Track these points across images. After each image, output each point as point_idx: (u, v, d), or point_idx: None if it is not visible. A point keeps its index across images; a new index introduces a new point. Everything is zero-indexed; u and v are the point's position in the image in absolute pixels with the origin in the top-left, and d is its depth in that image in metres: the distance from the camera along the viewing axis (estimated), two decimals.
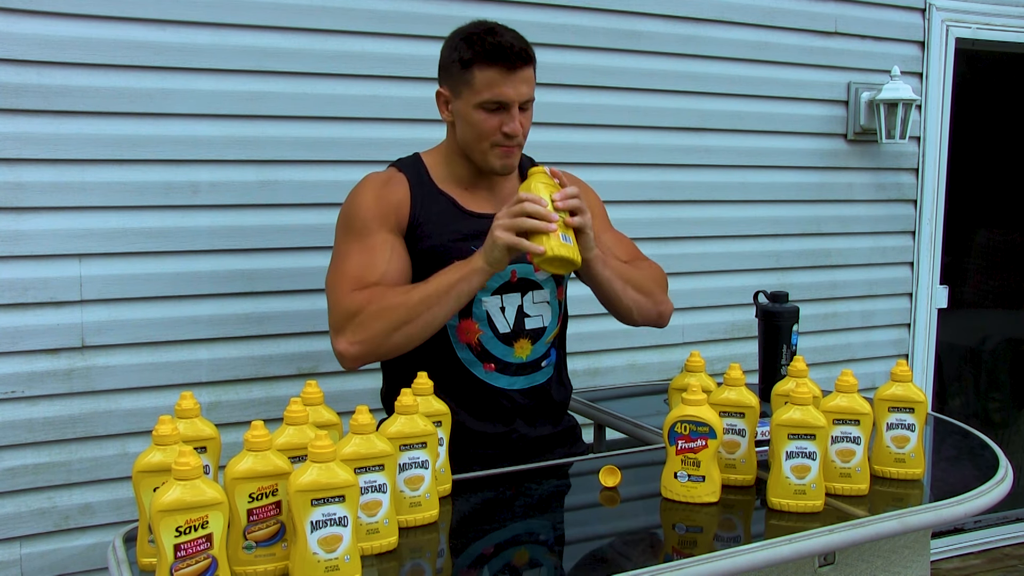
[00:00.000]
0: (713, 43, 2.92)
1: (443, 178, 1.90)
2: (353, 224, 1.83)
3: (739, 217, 3.04)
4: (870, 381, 3.21)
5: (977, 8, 3.37)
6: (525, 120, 1.83)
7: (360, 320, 1.73)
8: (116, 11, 2.18)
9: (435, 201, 1.87)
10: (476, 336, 1.86)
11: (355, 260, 1.78)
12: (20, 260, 2.16)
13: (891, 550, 1.73)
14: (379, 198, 1.84)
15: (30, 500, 2.22)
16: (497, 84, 1.76)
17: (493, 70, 1.76)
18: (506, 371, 1.88)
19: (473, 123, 1.81)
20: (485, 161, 1.84)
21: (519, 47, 1.77)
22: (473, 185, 1.91)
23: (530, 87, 1.81)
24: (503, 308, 1.87)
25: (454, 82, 1.83)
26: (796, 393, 1.61)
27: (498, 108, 1.79)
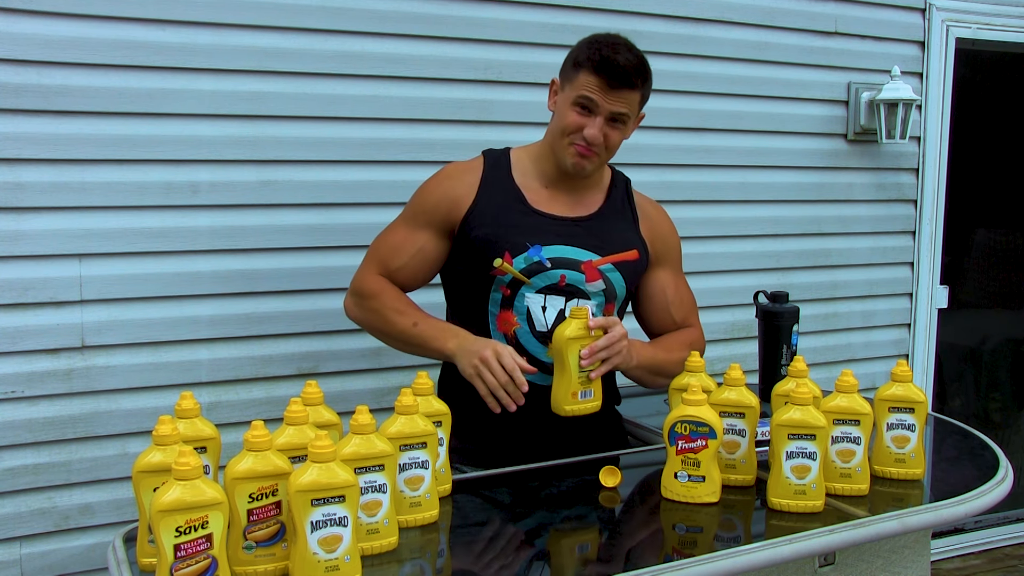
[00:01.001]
0: (713, 43, 2.91)
1: (524, 172, 1.97)
2: (413, 205, 2.01)
3: (739, 217, 3.04)
4: (870, 381, 3.21)
5: (977, 8, 3.37)
6: (611, 134, 1.88)
7: (364, 304, 1.97)
8: (116, 11, 2.18)
9: (502, 193, 1.94)
10: (513, 329, 1.90)
11: (394, 237, 1.99)
12: (20, 260, 2.16)
13: (891, 550, 1.73)
14: (441, 191, 1.96)
15: (30, 500, 2.22)
16: (594, 90, 1.83)
17: (596, 78, 1.83)
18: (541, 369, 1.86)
19: (563, 115, 1.89)
20: (562, 155, 1.91)
21: (626, 69, 1.83)
22: (552, 184, 1.96)
23: (626, 106, 1.86)
24: (544, 308, 1.90)
25: (565, 76, 1.92)
26: (796, 393, 1.61)
27: (588, 111, 1.85)
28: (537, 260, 1.88)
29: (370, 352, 2.50)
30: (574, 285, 1.90)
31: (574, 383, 1.79)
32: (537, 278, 1.88)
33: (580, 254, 1.91)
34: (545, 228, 1.91)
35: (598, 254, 1.93)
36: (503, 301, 1.89)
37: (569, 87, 1.88)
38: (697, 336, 2.12)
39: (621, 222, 2.01)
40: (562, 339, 1.77)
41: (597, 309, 1.93)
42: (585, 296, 1.92)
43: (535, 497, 1.76)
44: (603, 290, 1.93)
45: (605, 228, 1.97)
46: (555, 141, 1.92)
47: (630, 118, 1.89)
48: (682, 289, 2.13)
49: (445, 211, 1.93)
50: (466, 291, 1.95)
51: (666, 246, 2.08)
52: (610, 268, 1.94)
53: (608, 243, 1.95)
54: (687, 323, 2.12)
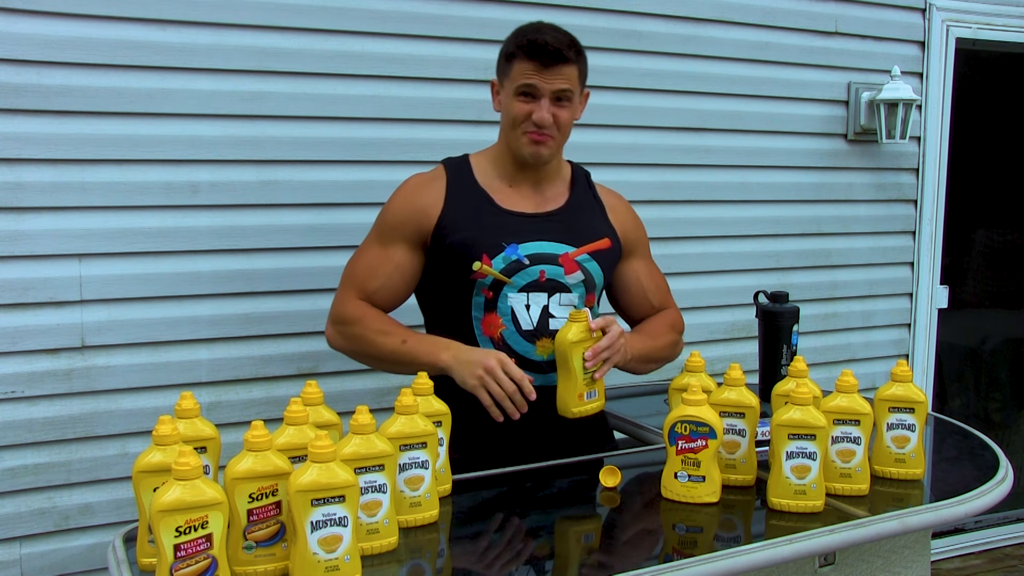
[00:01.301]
0: (713, 43, 2.91)
1: (486, 175, 1.98)
2: (381, 223, 1.99)
3: (739, 217, 3.04)
4: (870, 381, 3.21)
5: (977, 8, 3.37)
6: (560, 113, 1.89)
7: (346, 331, 1.95)
8: (116, 11, 2.18)
9: (470, 197, 1.94)
10: (499, 331, 1.89)
11: (368, 259, 1.96)
12: (20, 260, 2.16)
13: (891, 550, 1.73)
14: (407, 205, 1.95)
15: (30, 500, 2.22)
16: (530, 75, 1.85)
17: (528, 63, 1.86)
18: (526, 368, 1.87)
19: (509, 109, 1.91)
20: (518, 148, 1.91)
21: (555, 46, 1.85)
22: (516, 182, 1.97)
23: (566, 82, 1.87)
24: (528, 306, 1.90)
25: (501, 72, 1.95)
26: (796, 393, 1.61)
27: (530, 97, 1.87)
28: (515, 259, 1.89)
29: None
30: (554, 279, 1.91)
31: (580, 385, 1.82)
32: (517, 276, 1.88)
33: (556, 248, 1.92)
34: (518, 226, 1.92)
35: (573, 246, 1.94)
36: (486, 304, 1.89)
37: (508, 81, 1.90)
38: (677, 317, 2.16)
39: (589, 212, 2.03)
40: (566, 343, 1.79)
41: (579, 300, 1.95)
42: (566, 289, 1.92)
43: (535, 497, 1.76)
44: (583, 281, 1.95)
45: (575, 219, 1.99)
46: (509, 136, 1.93)
47: (574, 94, 1.90)
48: (655, 274, 2.17)
49: (416, 223, 1.92)
50: (447, 300, 1.94)
51: (636, 235, 2.11)
52: (586, 258, 1.95)
53: (581, 234, 1.97)
54: (664, 306, 2.16)
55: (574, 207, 2.01)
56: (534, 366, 1.89)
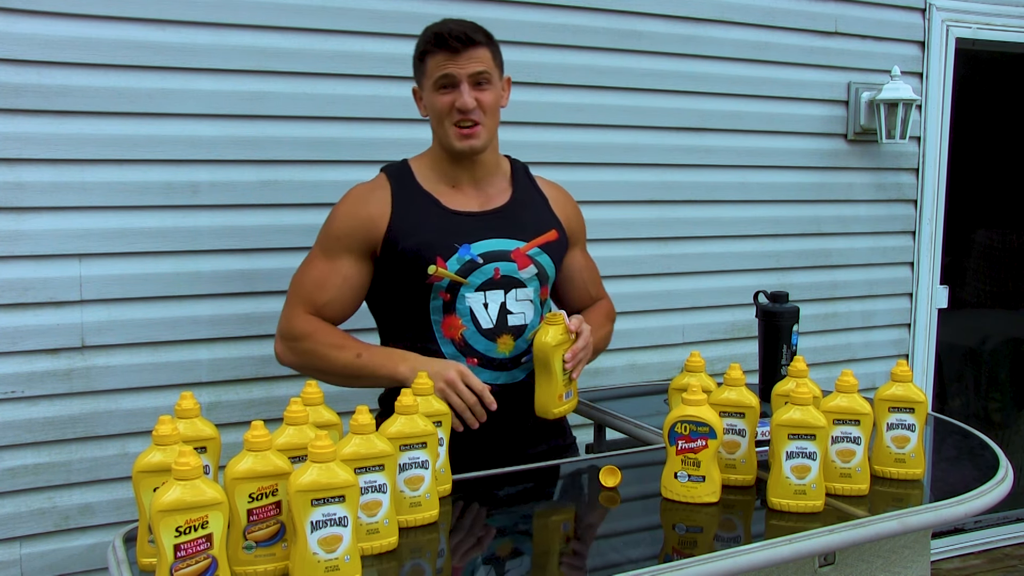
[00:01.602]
0: (713, 43, 2.91)
1: (428, 179, 1.97)
2: (326, 236, 1.95)
3: (739, 217, 3.04)
4: (870, 381, 3.21)
5: (977, 8, 3.37)
6: (481, 96, 1.88)
7: (296, 347, 1.91)
8: (116, 11, 2.18)
9: (416, 202, 1.93)
10: (460, 332, 1.89)
11: (315, 273, 1.93)
12: (20, 260, 2.16)
13: (891, 550, 1.73)
14: (352, 215, 1.92)
15: (30, 500, 2.22)
16: (444, 65, 1.86)
17: (440, 55, 1.86)
18: (489, 366, 1.90)
19: (432, 105, 1.91)
20: (450, 143, 1.91)
21: (460, 31, 1.86)
22: (457, 182, 1.96)
23: (480, 64, 1.87)
24: (486, 304, 1.90)
25: (418, 74, 1.95)
26: (796, 393, 1.61)
27: (449, 86, 1.87)
28: (469, 259, 1.89)
29: None
30: (509, 275, 1.92)
31: (560, 387, 1.85)
32: (473, 276, 1.88)
33: (507, 244, 1.93)
34: (468, 226, 1.91)
35: (523, 240, 1.95)
36: (444, 306, 1.89)
37: (426, 80, 1.91)
38: (611, 306, 2.22)
39: (534, 206, 2.03)
40: (547, 348, 1.81)
41: (534, 293, 1.95)
42: (521, 284, 1.93)
43: (535, 497, 1.76)
44: (536, 274, 1.95)
45: (522, 214, 1.99)
46: (440, 133, 1.93)
47: (492, 75, 1.90)
48: (591, 265, 2.20)
49: (363, 233, 1.90)
50: (404, 306, 1.92)
51: (577, 225, 2.12)
52: (537, 251, 1.96)
53: (529, 228, 1.97)
54: (599, 296, 2.21)
55: (518, 202, 2.00)
56: (496, 364, 1.90)
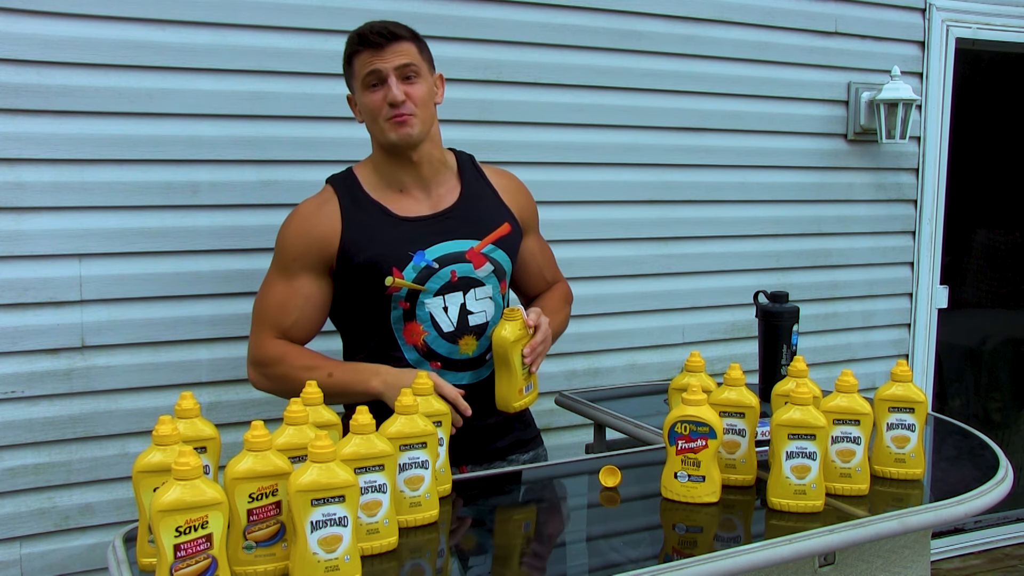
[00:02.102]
0: (713, 43, 2.91)
1: (374, 186, 1.95)
2: (281, 256, 1.94)
3: (739, 217, 3.04)
4: (870, 381, 3.21)
5: (977, 8, 3.37)
6: (411, 89, 1.87)
7: (268, 372, 1.91)
8: (116, 11, 2.18)
9: (366, 212, 1.91)
10: (421, 337, 1.89)
11: (276, 296, 1.92)
12: (20, 260, 2.16)
13: (891, 550, 1.73)
14: (304, 234, 1.91)
15: (30, 500, 2.22)
16: (370, 62, 1.86)
17: (365, 53, 1.86)
18: (452, 367, 1.91)
19: (365, 105, 1.90)
20: (387, 139, 1.89)
21: (381, 27, 1.87)
22: (404, 186, 1.95)
23: (405, 56, 1.87)
24: (446, 308, 1.90)
25: (348, 78, 1.94)
26: (796, 393, 1.61)
27: (378, 84, 1.86)
28: (425, 265, 1.88)
29: None
30: (466, 276, 1.91)
31: (520, 381, 1.87)
32: (430, 282, 1.88)
33: (461, 244, 1.92)
34: (419, 232, 1.90)
35: (476, 239, 1.94)
36: (405, 315, 1.88)
37: (355, 81, 1.91)
38: (567, 289, 2.23)
39: (484, 200, 2.01)
40: (506, 343, 1.82)
41: (493, 290, 1.96)
42: (480, 284, 1.93)
43: (535, 497, 1.76)
44: (493, 271, 1.95)
45: (473, 211, 1.97)
46: (375, 132, 1.92)
47: (420, 68, 1.89)
48: (546, 249, 2.20)
49: (317, 251, 1.89)
50: (364, 319, 1.92)
51: (529, 212, 2.12)
52: (492, 248, 1.95)
53: (481, 226, 1.96)
54: (556, 279, 2.22)
55: (467, 198, 1.99)
56: (459, 364, 1.91)
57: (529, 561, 1.46)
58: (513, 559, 1.46)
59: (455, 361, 1.90)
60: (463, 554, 1.50)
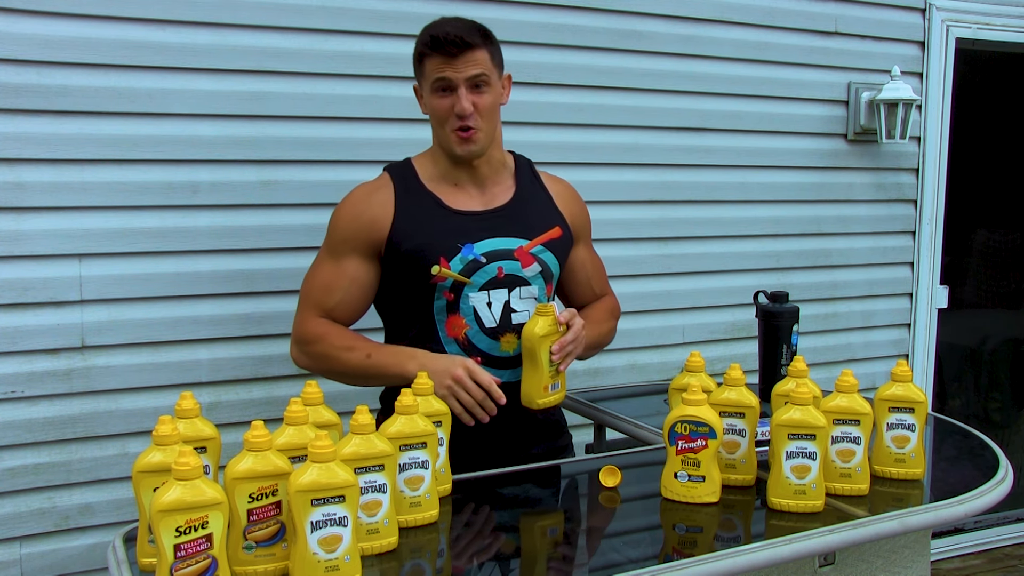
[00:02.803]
0: (713, 43, 2.91)
1: (431, 177, 1.97)
2: (331, 238, 1.97)
3: (739, 217, 3.04)
4: (870, 381, 3.21)
5: (977, 8, 3.37)
6: (479, 100, 1.88)
7: (310, 350, 1.93)
8: (116, 11, 2.18)
9: (419, 202, 1.93)
10: (463, 331, 1.90)
11: (323, 276, 1.95)
12: (20, 260, 2.16)
13: (891, 550, 1.73)
14: (356, 217, 1.93)
15: (30, 500, 2.22)
16: (441, 68, 1.85)
17: (436, 58, 1.85)
18: (492, 364, 1.90)
19: (431, 108, 1.91)
20: (449, 147, 1.91)
21: (456, 35, 1.84)
22: (460, 181, 1.96)
23: (477, 67, 1.86)
24: (490, 304, 1.90)
25: (417, 74, 1.94)
26: (796, 393, 1.61)
27: (447, 90, 1.86)
28: (472, 258, 1.89)
29: None
30: (513, 274, 1.92)
31: (546, 378, 1.86)
32: (476, 276, 1.89)
33: (510, 243, 1.93)
34: (470, 226, 1.92)
35: (526, 239, 1.95)
36: (448, 306, 1.89)
37: (424, 81, 1.91)
38: (615, 303, 2.22)
39: (537, 203, 2.03)
40: (534, 338, 1.82)
41: (539, 291, 1.96)
42: (525, 283, 1.93)
43: (535, 497, 1.76)
44: (540, 272, 1.95)
45: (525, 212, 1.98)
46: (439, 136, 1.94)
47: (490, 77, 1.89)
48: (596, 261, 2.19)
49: (366, 235, 1.91)
50: (408, 306, 1.93)
51: (582, 221, 2.12)
52: (541, 249, 1.96)
53: (532, 226, 1.97)
54: (604, 292, 2.20)
55: (521, 199, 2.00)
56: (500, 362, 1.91)
57: (528, 561, 1.46)
58: (513, 559, 1.46)
59: (495, 358, 1.91)
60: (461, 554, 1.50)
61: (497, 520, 1.64)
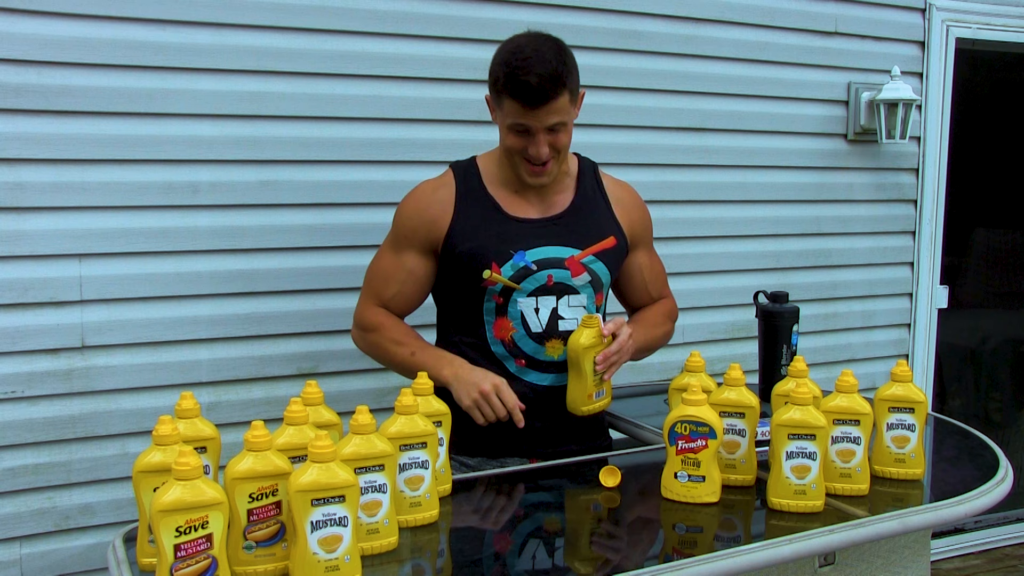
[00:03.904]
0: (713, 43, 2.91)
1: (493, 180, 1.99)
2: (394, 231, 2.03)
3: (739, 217, 3.04)
4: (870, 381, 3.21)
5: (977, 8, 3.37)
6: (556, 140, 1.87)
7: (365, 337, 2.04)
8: (116, 11, 2.18)
9: (480, 204, 1.96)
10: (510, 334, 1.93)
11: (382, 266, 2.02)
12: (20, 260, 2.16)
13: (891, 550, 1.73)
14: (418, 212, 1.97)
15: (30, 500, 2.22)
16: (520, 115, 1.83)
17: (518, 104, 1.82)
18: (536, 367, 1.94)
19: (504, 138, 1.92)
20: (519, 172, 1.93)
21: (542, 87, 1.78)
22: (521, 189, 1.98)
23: (557, 115, 1.84)
24: (537, 309, 1.93)
25: (493, 93, 1.91)
26: (796, 393, 1.61)
27: (525, 133, 1.86)
28: (523, 265, 1.91)
29: None
30: (562, 282, 1.94)
31: (590, 386, 1.88)
32: (526, 282, 1.92)
33: (562, 251, 1.94)
34: (525, 233, 1.94)
35: (579, 248, 1.96)
36: (497, 309, 1.93)
37: (499, 110, 1.89)
38: (673, 306, 2.23)
39: (595, 211, 2.03)
40: (579, 348, 1.84)
41: (588, 300, 1.97)
42: (574, 291, 1.95)
43: (535, 497, 1.76)
44: (589, 282, 1.97)
45: (581, 221, 2.00)
46: (509, 160, 1.94)
47: (568, 118, 1.88)
48: (656, 265, 2.21)
49: (425, 232, 1.96)
50: (459, 304, 1.98)
51: (641, 227, 2.13)
52: (592, 259, 1.98)
53: (586, 236, 1.98)
54: (662, 295, 2.22)
55: (579, 207, 2.01)
56: (544, 365, 1.94)
57: (528, 561, 1.46)
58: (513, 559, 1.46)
59: (539, 362, 1.94)
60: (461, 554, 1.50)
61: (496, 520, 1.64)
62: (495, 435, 1.92)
